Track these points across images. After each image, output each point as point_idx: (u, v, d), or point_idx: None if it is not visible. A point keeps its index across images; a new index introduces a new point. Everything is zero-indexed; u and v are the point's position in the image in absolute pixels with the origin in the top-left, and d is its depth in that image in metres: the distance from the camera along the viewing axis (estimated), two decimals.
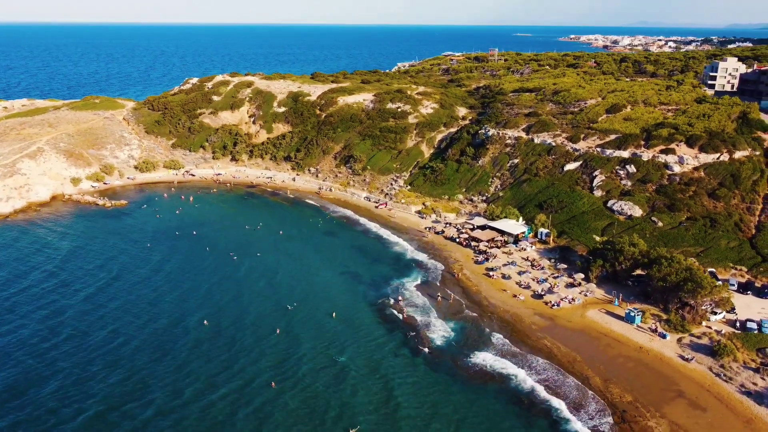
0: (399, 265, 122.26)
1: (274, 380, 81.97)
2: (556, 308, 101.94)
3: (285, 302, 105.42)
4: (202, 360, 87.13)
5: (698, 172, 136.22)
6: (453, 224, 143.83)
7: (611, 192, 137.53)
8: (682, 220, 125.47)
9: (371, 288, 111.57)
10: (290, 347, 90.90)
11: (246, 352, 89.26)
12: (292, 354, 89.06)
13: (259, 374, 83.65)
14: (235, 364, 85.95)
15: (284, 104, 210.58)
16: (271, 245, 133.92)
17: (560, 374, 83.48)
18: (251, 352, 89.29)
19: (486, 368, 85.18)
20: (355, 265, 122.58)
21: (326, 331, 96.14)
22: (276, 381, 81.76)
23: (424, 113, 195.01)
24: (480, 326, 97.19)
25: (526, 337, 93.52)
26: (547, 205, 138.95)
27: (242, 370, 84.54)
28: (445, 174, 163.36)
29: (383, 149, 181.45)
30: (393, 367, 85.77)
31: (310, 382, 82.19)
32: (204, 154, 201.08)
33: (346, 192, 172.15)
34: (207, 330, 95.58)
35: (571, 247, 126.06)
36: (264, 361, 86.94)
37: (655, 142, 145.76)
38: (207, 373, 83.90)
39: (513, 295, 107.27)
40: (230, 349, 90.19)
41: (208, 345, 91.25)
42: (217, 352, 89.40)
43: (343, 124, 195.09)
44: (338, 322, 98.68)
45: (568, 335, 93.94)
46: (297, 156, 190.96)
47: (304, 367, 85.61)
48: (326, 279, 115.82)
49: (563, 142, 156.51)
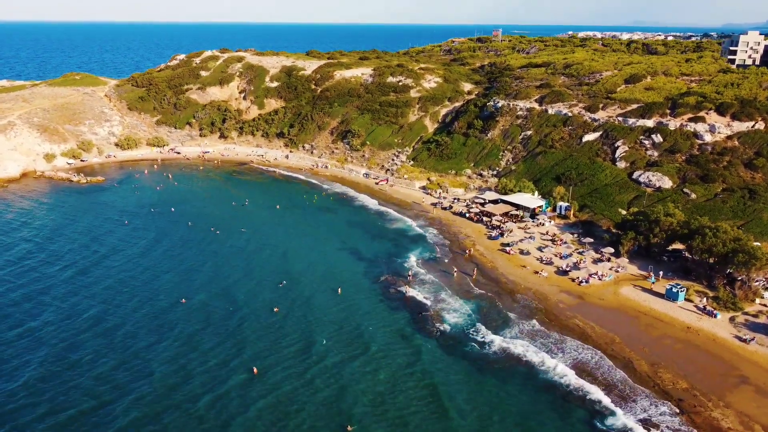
0: (404, 242, 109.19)
1: (265, 370, 68.81)
2: (584, 285, 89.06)
3: (275, 279, 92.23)
4: (186, 347, 73.91)
5: (732, 141, 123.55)
6: (462, 199, 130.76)
7: (636, 163, 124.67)
8: (718, 192, 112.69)
9: (373, 265, 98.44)
10: (287, 330, 77.71)
11: (227, 335, 76.07)
12: (288, 336, 75.92)
13: (239, 365, 70.50)
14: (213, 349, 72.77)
15: (277, 79, 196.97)
16: (260, 222, 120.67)
17: (598, 358, 70.52)
18: (234, 336, 76.10)
19: (509, 352, 72.16)
20: (355, 241, 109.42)
21: (324, 312, 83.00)
22: (272, 368, 68.61)
23: (427, 87, 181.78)
24: (499, 305, 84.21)
25: (554, 317, 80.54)
26: (565, 178, 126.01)
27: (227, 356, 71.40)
28: (452, 148, 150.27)
29: (383, 124, 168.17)
30: (403, 352, 72.68)
31: (315, 369, 69.06)
32: (190, 132, 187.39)
33: (343, 169, 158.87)
34: (183, 309, 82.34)
35: (594, 221, 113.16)
36: (249, 349, 73.75)
37: (682, 111, 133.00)
38: (184, 364, 70.69)
39: (534, 272, 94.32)
40: (204, 329, 77.02)
41: (183, 327, 77.99)
42: (193, 336, 76.19)
43: (340, 98, 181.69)
44: (341, 301, 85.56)
45: (602, 314, 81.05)
46: (290, 132, 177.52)
47: (309, 353, 72.47)
48: (322, 256, 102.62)
49: (580, 113, 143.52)
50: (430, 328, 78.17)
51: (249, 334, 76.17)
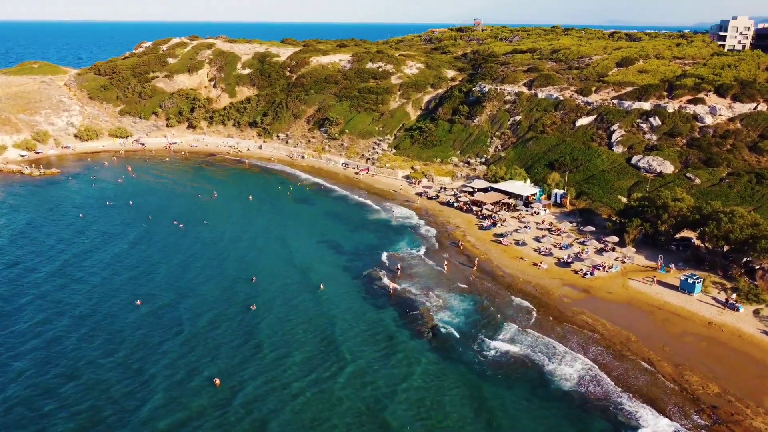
0: (388, 233, 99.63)
1: (232, 385, 58.67)
2: (589, 277, 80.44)
3: (245, 275, 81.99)
4: (140, 353, 63.35)
5: (734, 124, 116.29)
6: (449, 188, 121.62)
7: (634, 147, 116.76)
8: (723, 176, 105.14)
9: (356, 259, 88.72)
10: (260, 333, 67.57)
11: (185, 341, 65.70)
12: (260, 340, 65.83)
13: (197, 372, 60.27)
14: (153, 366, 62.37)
15: (249, 66, 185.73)
16: (230, 214, 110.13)
17: (612, 359, 61.82)
18: (183, 345, 65.77)
19: (513, 355, 63.05)
20: (335, 233, 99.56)
21: (305, 311, 73.03)
22: (240, 381, 58.50)
23: (408, 73, 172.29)
24: (496, 301, 75.09)
25: (559, 314, 71.66)
26: (559, 164, 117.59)
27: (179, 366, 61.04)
28: (436, 135, 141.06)
29: (363, 111, 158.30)
30: (391, 359, 63.10)
31: (280, 380, 59.11)
32: (156, 122, 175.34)
33: (320, 159, 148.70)
34: (140, 312, 71.70)
35: (593, 209, 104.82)
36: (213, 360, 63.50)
37: (680, 92, 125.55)
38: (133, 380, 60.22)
39: (533, 264, 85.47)
40: (167, 336, 66.55)
41: (138, 332, 67.39)
42: (149, 340, 65.67)
43: (316, 85, 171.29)
44: (323, 299, 75.68)
45: (612, 309, 72.44)
46: (264, 121, 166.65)
47: (271, 364, 62.46)
48: (300, 249, 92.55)
49: (572, 96, 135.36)
50: (420, 328, 68.72)
51: (211, 339, 65.89)
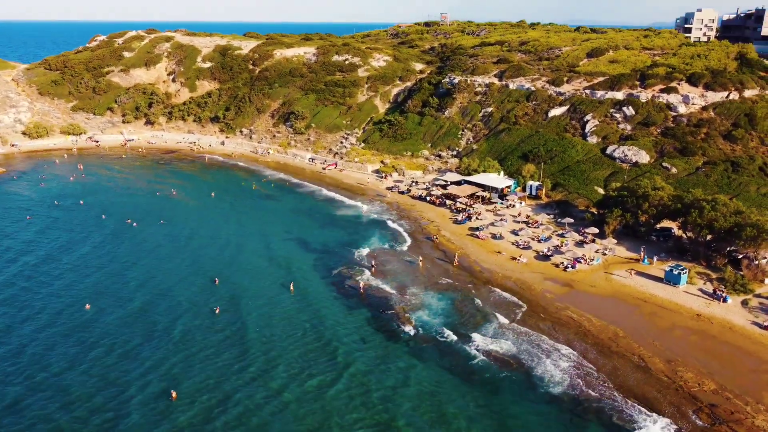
0: (358, 229, 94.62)
1: (188, 396, 52.82)
2: (570, 271, 76.85)
3: (204, 277, 75.90)
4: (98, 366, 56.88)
5: (707, 113, 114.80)
6: (420, 182, 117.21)
7: (609, 138, 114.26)
8: (699, 166, 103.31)
9: (325, 257, 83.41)
10: (224, 339, 61.75)
11: (137, 348, 59.53)
12: (225, 348, 60.06)
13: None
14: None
15: (210, 59, 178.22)
16: (189, 212, 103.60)
17: (602, 357, 58.04)
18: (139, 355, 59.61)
19: (496, 355, 58.72)
20: (302, 230, 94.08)
21: (265, 315, 67.46)
22: (201, 392, 52.67)
23: (375, 66, 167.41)
24: (476, 298, 70.75)
25: (542, 310, 67.72)
26: (533, 156, 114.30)
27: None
28: (406, 128, 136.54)
29: (330, 105, 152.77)
30: (364, 360, 58.10)
31: (250, 400, 53.52)
32: (112, 118, 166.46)
33: (286, 154, 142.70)
34: (88, 317, 65.10)
35: (570, 200, 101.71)
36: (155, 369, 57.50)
37: (652, 82, 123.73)
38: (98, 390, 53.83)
39: (512, 258, 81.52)
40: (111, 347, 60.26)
41: (87, 338, 60.87)
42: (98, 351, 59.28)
43: (281, 78, 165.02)
44: (282, 303, 70.17)
45: (597, 303, 68.87)
46: (226, 116, 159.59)
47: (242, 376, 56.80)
48: (265, 247, 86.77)
49: (544, 86, 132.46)
50: (396, 329, 63.90)
51: (168, 349, 59.87)
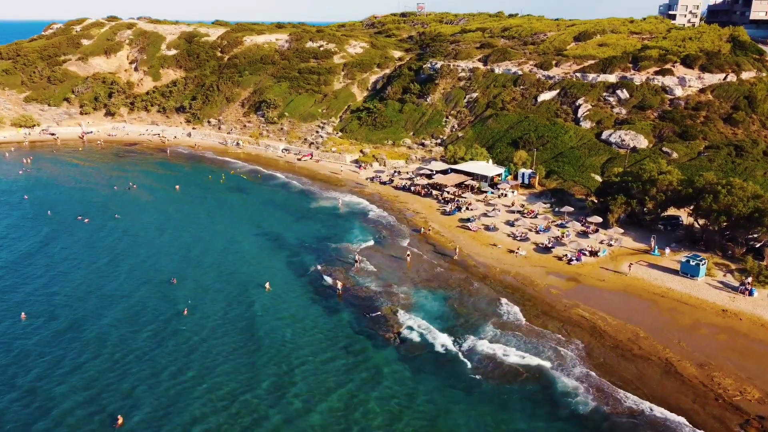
0: (338, 223, 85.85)
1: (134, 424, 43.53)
2: (575, 264, 69.19)
3: (165, 275, 66.38)
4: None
5: (705, 95, 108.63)
6: (403, 172, 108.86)
7: (603, 122, 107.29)
8: (701, 150, 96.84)
9: (301, 254, 74.45)
10: (173, 351, 52.48)
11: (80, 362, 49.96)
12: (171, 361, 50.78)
13: None
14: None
15: (175, 46, 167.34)
16: (148, 206, 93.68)
17: (624, 361, 50.31)
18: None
19: (500, 361, 50.59)
20: (276, 225, 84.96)
21: (233, 321, 58.34)
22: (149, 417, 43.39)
23: (352, 53, 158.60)
24: (472, 296, 62.62)
25: (549, 308, 59.83)
26: (523, 142, 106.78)
27: None
28: (386, 115, 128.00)
29: (304, 93, 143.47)
30: (348, 372, 49.47)
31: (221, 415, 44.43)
32: (69, 109, 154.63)
33: (258, 145, 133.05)
34: (24, 326, 55.21)
35: (565, 188, 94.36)
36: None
37: (646, 64, 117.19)
38: None
39: (509, 251, 73.58)
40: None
41: (23, 349, 51.06)
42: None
43: (251, 66, 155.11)
44: (251, 307, 61.09)
45: (609, 299, 61.24)
46: (193, 105, 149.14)
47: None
48: (232, 244, 77.46)
49: (532, 70, 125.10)
50: (385, 333, 55.38)
51: (116, 362, 50.43)
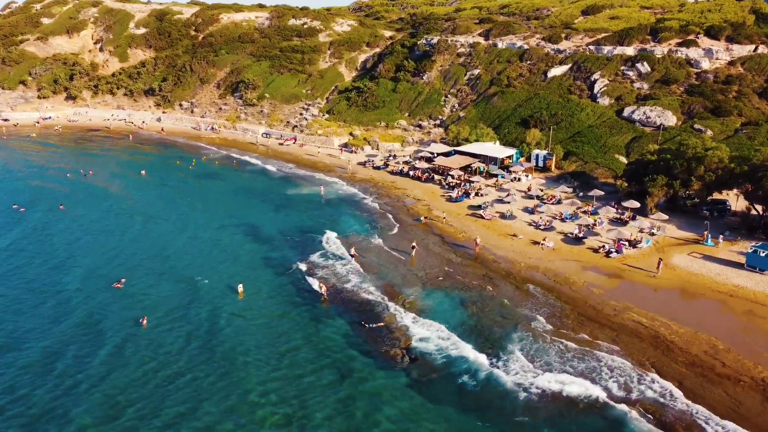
0: (326, 213, 73.14)
1: None
2: (615, 257, 57.14)
3: (113, 278, 53.26)
4: None
5: (735, 68, 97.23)
6: (399, 155, 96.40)
7: (624, 98, 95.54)
8: (738, 128, 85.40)
9: (283, 248, 61.62)
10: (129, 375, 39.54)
11: None
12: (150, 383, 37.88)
13: None
14: None
15: (145, 24, 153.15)
16: (105, 196, 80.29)
17: (708, 384, 38.25)
18: None
19: (541, 386, 38.29)
20: (254, 215, 72.06)
21: (192, 336, 45.44)
22: None
23: (339, 31, 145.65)
24: (496, 299, 50.26)
25: (595, 312, 47.61)
26: (534, 121, 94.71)
27: None
28: (378, 95, 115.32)
29: (286, 72, 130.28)
30: (344, 405, 36.89)
31: None
32: (25, 92, 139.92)
33: (235, 129, 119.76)
34: None
35: (587, 171, 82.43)
36: None
37: (666, 35, 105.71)
38: None
39: (533, 242, 61.38)
40: None
41: None
42: None
43: (228, 45, 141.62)
44: (221, 315, 48.22)
45: (666, 301, 49.20)
46: (163, 88, 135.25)
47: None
48: (198, 239, 64.42)
49: (539, 44, 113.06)
50: (389, 348, 42.88)
51: (46, 388, 37.43)
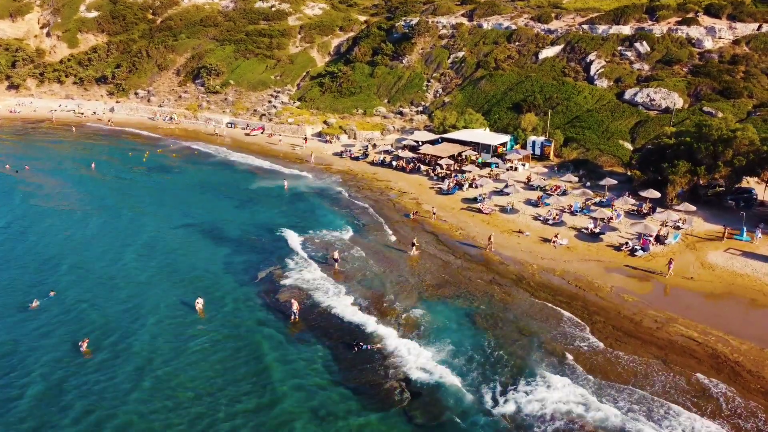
0: (297, 209, 63.23)
1: None
2: (642, 255, 48.59)
3: (40, 291, 42.64)
4: None
5: (740, 48, 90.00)
6: (380, 144, 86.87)
7: (623, 80, 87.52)
8: (751, 110, 78.08)
9: (250, 251, 51.53)
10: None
11: None
12: None
13: None
14: None
15: (97, 7, 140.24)
16: (34, 192, 69.01)
17: None
18: None
19: (576, 428, 29.32)
20: (213, 213, 61.74)
21: (144, 368, 35.29)
22: None
23: (310, 14, 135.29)
24: (509, 310, 41.15)
25: (633, 325, 38.76)
26: (528, 105, 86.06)
27: None
28: (354, 80, 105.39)
29: (253, 57, 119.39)
30: None
31: None
32: None
33: (196, 119, 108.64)
34: None
35: (590, 159, 74.09)
36: None
37: (664, 13, 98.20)
38: None
39: (542, 240, 52.49)
40: None
41: None
42: None
43: (189, 29, 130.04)
44: (184, 332, 38.14)
45: (715, 309, 40.77)
46: (117, 75, 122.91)
47: None
48: (149, 241, 53.92)
49: (528, 24, 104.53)
50: (383, 380, 33.42)
51: None
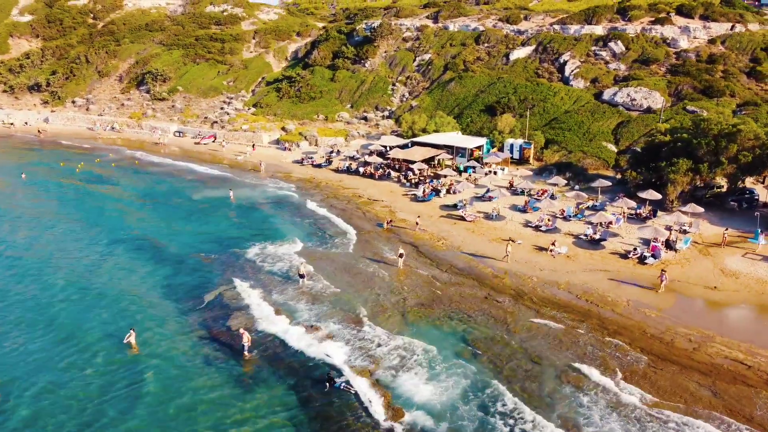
0: (254, 220, 55.08)
1: None
2: (652, 263, 42.44)
3: None
4: None
5: (716, 47, 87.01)
6: (344, 151, 79.42)
7: (600, 80, 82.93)
8: (735, 109, 74.25)
9: (196, 271, 43.09)
10: None
11: None
12: None
13: None
14: None
15: (31, 11, 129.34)
16: None
17: None
18: None
19: None
20: (154, 226, 52.96)
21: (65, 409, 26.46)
22: None
23: (265, 19, 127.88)
24: (512, 334, 34.04)
25: (664, 347, 32.08)
26: (502, 107, 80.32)
27: None
28: (314, 85, 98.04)
29: (203, 62, 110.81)
30: None
31: None
32: None
33: (141, 128, 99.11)
34: None
35: (574, 162, 68.47)
36: None
37: (637, 13, 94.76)
38: None
39: (537, 248, 45.85)
40: None
41: None
42: None
43: (133, 33, 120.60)
44: (111, 373, 29.46)
45: (751, 324, 34.66)
46: (52, 82, 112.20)
47: None
48: (77, 261, 44.84)
49: (497, 25, 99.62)
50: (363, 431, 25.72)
51: None
